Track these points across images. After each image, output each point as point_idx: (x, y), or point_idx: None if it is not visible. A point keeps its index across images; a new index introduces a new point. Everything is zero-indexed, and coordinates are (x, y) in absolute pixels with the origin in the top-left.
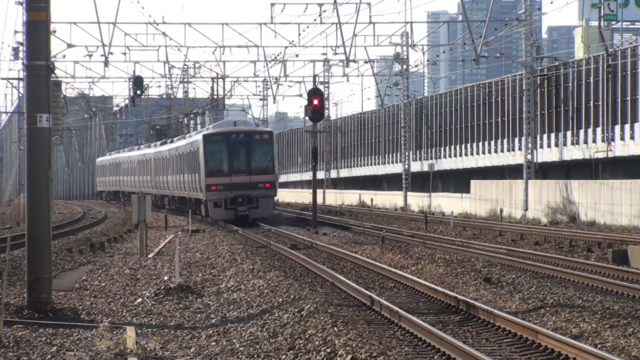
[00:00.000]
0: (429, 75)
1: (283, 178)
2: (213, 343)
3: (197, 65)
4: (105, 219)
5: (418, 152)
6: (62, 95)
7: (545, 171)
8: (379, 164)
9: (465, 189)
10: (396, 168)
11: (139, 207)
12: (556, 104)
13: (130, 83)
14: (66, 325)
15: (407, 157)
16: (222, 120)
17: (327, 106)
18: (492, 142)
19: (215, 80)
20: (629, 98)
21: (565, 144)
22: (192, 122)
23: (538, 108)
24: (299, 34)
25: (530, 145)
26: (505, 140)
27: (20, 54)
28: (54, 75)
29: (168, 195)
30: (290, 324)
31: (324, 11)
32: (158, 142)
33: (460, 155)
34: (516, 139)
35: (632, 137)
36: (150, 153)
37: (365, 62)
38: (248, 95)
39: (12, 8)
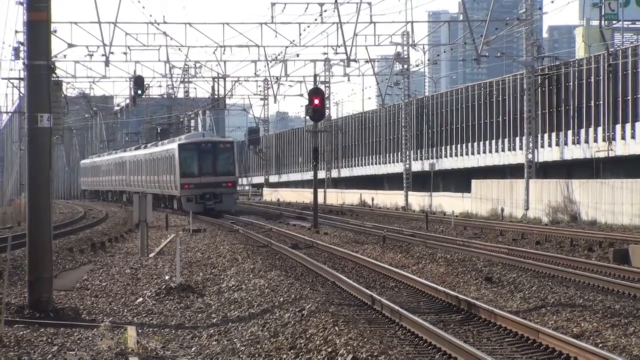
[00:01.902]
0: (429, 75)
1: (284, 178)
2: (214, 342)
3: (197, 65)
4: (106, 219)
5: (419, 151)
6: (62, 95)
7: (546, 170)
8: (379, 163)
9: (466, 188)
10: (397, 167)
11: (140, 207)
12: (557, 103)
13: (131, 83)
14: (67, 324)
15: (408, 157)
16: (193, 132)
17: (328, 106)
18: (493, 142)
19: (216, 80)
20: (629, 97)
21: (566, 144)
22: (192, 121)
23: (539, 107)
24: (300, 34)
25: (531, 144)
26: (506, 140)
27: (21, 54)
28: (54, 75)
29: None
30: (291, 324)
31: (325, 11)
32: (133, 147)
33: (461, 154)
34: (517, 139)
35: (633, 137)
36: (126, 156)
37: (366, 61)
38: (249, 95)
39: (13, 8)
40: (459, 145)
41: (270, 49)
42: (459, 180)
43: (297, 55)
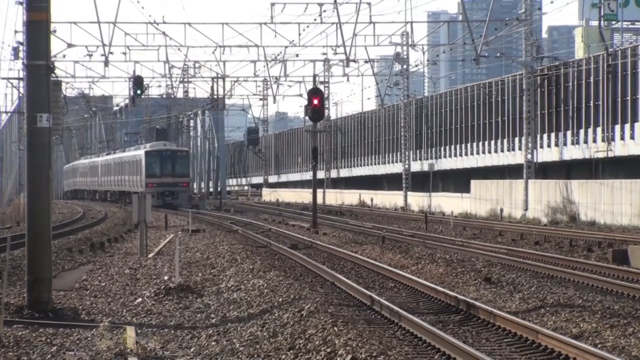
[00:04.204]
0: (429, 75)
1: (283, 178)
2: (213, 343)
3: (197, 65)
4: (105, 219)
5: (418, 151)
6: (62, 95)
7: (546, 171)
8: (379, 163)
9: (466, 188)
10: (396, 168)
11: (139, 207)
12: (556, 103)
13: (131, 83)
14: (66, 325)
15: (407, 157)
16: (155, 142)
17: (327, 106)
18: (492, 142)
19: (215, 80)
20: (629, 98)
21: (565, 144)
22: (191, 121)
23: (538, 108)
24: (299, 34)
25: (530, 145)
26: (505, 140)
27: (21, 54)
28: (54, 75)
29: (110, 190)
30: (291, 324)
31: (324, 11)
32: (104, 153)
33: (461, 155)
34: (516, 139)
35: (632, 137)
36: (98, 161)
37: (366, 61)
38: (248, 95)
39: (12, 8)
40: (458, 146)
41: (269, 49)
42: (458, 181)
43: (297, 55)
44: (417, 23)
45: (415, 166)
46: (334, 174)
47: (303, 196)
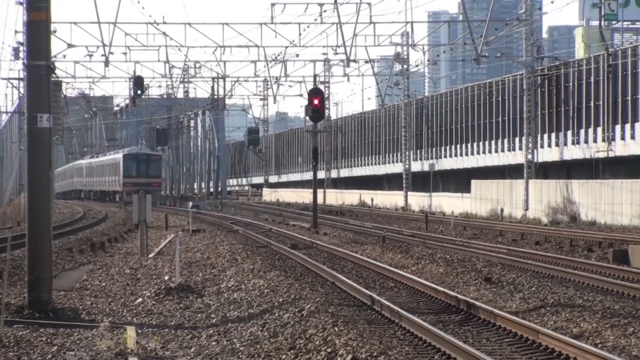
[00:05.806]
0: (429, 75)
1: (284, 178)
2: (213, 343)
3: (197, 65)
4: (105, 219)
5: (418, 151)
6: (62, 95)
7: (546, 171)
8: (379, 163)
9: (466, 188)
10: (397, 168)
11: (140, 207)
12: (557, 103)
13: (131, 83)
14: (67, 325)
15: (407, 157)
16: (133, 147)
17: (327, 106)
18: (493, 142)
19: (215, 80)
20: (629, 98)
21: (565, 144)
22: (192, 122)
23: (538, 108)
24: (300, 34)
25: (530, 145)
26: (505, 140)
27: (21, 54)
28: (54, 75)
29: (93, 190)
30: (291, 324)
31: (325, 11)
32: (88, 156)
33: (461, 155)
34: (517, 139)
35: (632, 137)
36: (83, 163)
37: (366, 62)
38: (248, 95)
39: (13, 8)
40: (458, 146)
41: (270, 49)
42: (459, 181)
43: (297, 55)
44: (417, 23)
45: (416, 166)
46: (334, 174)
47: (303, 196)
